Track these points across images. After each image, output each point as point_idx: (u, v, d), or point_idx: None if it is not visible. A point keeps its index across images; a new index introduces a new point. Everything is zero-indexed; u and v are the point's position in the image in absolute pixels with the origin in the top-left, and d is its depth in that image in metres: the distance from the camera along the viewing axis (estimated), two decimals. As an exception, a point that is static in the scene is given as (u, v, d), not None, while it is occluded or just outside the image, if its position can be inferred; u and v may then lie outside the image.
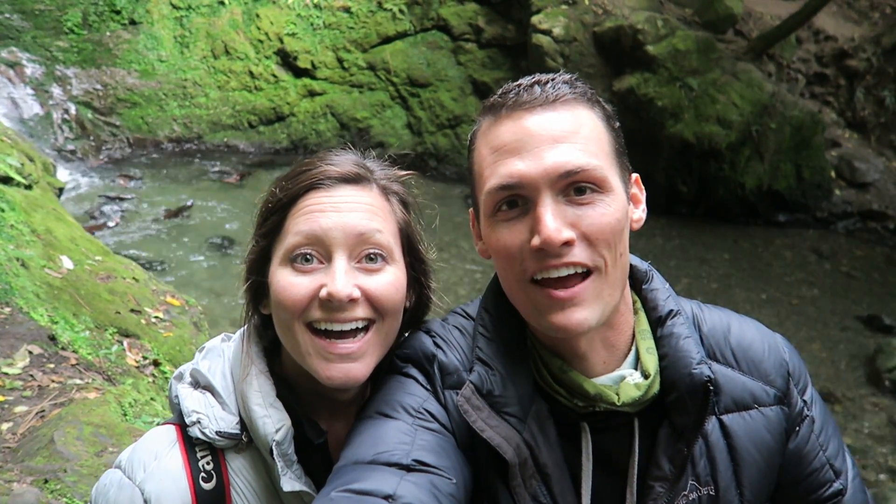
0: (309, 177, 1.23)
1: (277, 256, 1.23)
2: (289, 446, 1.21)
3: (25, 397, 3.18)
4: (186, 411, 1.23)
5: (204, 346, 1.38)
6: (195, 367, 1.32)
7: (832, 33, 10.01)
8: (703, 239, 8.29)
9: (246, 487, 1.24)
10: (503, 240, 1.11)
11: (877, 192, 9.11)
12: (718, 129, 8.53)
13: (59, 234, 5.03)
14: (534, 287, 1.10)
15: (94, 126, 9.24)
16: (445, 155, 9.63)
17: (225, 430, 1.22)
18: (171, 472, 1.19)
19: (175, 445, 1.23)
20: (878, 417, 5.53)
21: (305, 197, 1.22)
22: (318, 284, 1.19)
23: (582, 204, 1.07)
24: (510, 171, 1.08)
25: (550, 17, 9.14)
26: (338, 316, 1.19)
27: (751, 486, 1.17)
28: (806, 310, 7.08)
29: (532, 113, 1.10)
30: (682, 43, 8.76)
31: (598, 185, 1.08)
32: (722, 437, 1.17)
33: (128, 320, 4.30)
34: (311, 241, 1.19)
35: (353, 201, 1.23)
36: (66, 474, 2.50)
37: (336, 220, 1.20)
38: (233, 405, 1.26)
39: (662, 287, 1.25)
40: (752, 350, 1.24)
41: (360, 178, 1.26)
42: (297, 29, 9.93)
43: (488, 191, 1.11)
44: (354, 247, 1.21)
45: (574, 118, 1.10)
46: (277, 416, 1.21)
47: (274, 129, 9.79)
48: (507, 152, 1.09)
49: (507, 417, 1.12)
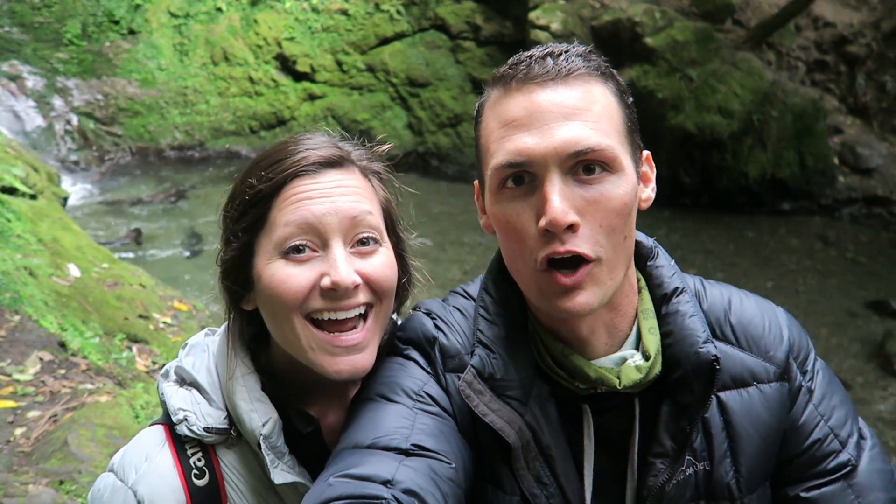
0: (291, 164, 1.18)
1: (265, 250, 1.18)
2: (277, 438, 1.19)
3: (38, 402, 3.19)
4: (172, 409, 1.21)
5: (187, 343, 1.36)
6: (179, 364, 1.30)
7: (831, 20, 9.98)
8: (707, 229, 8.27)
9: (240, 481, 1.22)
10: (509, 218, 1.09)
11: (881, 178, 9.07)
12: (720, 118, 8.51)
13: (65, 242, 5.06)
14: (542, 274, 1.08)
15: (97, 136, 9.28)
16: (447, 154, 9.64)
17: (213, 426, 1.20)
18: (162, 472, 1.18)
19: (164, 445, 1.21)
20: (889, 402, 5.51)
21: (290, 185, 1.17)
22: (318, 274, 1.16)
23: (590, 184, 1.05)
24: (518, 148, 1.05)
25: (548, 13, 9.14)
26: (341, 304, 1.16)
27: (747, 464, 1.16)
28: (813, 297, 7.06)
29: (543, 87, 1.06)
30: (680, 34, 8.75)
31: (609, 164, 1.05)
32: (718, 413, 1.16)
33: (136, 326, 4.32)
34: (304, 230, 1.15)
35: (341, 185, 1.19)
36: (80, 475, 2.51)
37: (328, 206, 1.16)
38: (219, 400, 1.23)
39: (668, 264, 1.23)
40: (752, 326, 1.22)
41: (343, 161, 1.22)
42: (296, 33, 9.96)
43: (495, 166, 1.08)
44: (348, 231, 1.17)
45: (586, 94, 1.07)
46: (264, 409, 1.19)
47: (275, 133, 9.81)
48: (516, 127, 1.06)
49: (509, 400, 1.11)
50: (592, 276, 1.06)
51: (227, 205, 1.24)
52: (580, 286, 1.06)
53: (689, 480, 1.15)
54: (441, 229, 7.75)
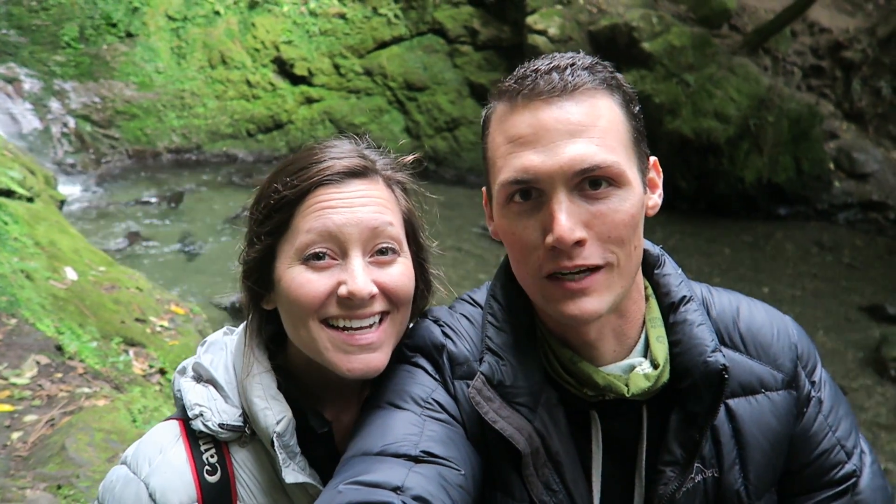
0: (316, 172, 1.21)
1: (287, 255, 1.21)
2: (290, 437, 1.20)
3: (35, 406, 3.19)
4: (189, 405, 1.23)
5: (206, 340, 1.38)
6: (197, 360, 1.31)
7: (827, 25, 10.02)
8: (704, 234, 8.29)
9: (251, 480, 1.23)
10: (516, 232, 1.10)
11: (876, 183, 9.11)
12: (716, 123, 8.54)
13: (62, 245, 5.04)
14: (546, 281, 1.10)
15: (94, 139, 9.27)
16: (445, 158, 9.65)
17: (228, 423, 1.22)
18: (175, 466, 1.19)
19: (179, 439, 1.22)
20: (885, 406, 5.53)
21: (314, 193, 1.20)
22: (336, 282, 1.18)
23: (597, 199, 1.06)
24: (525, 165, 1.06)
25: (545, 18, 9.16)
26: (357, 312, 1.18)
27: (755, 470, 1.17)
28: (809, 302, 7.08)
29: (549, 104, 1.06)
30: (677, 39, 8.78)
31: (615, 179, 1.06)
32: (727, 421, 1.17)
33: (133, 330, 4.31)
34: (324, 238, 1.18)
35: (364, 195, 1.21)
36: (78, 480, 2.50)
37: (349, 216, 1.19)
38: (235, 398, 1.25)
39: (675, 272, 1.24)
40: (760, 334, 1.23)
41: (367, 171, 1.24)
42: (293, 36, 9.97)
43: (502, 182, 1.09)
44: (368, 241, 1.20)
45: (592, 109, 1.07)
46: (278, 407, 1.21)
47: (272, 136, 9.81)
48: (522, 145, 1.07)
49: (518, 407, 1.12)
50: (601, 281, 1.08)
51: (252, 206, 1.28)
52: (587, 292, 1.07)
53: (699, 488, 1.16)
54: (437, 233, 7.75)
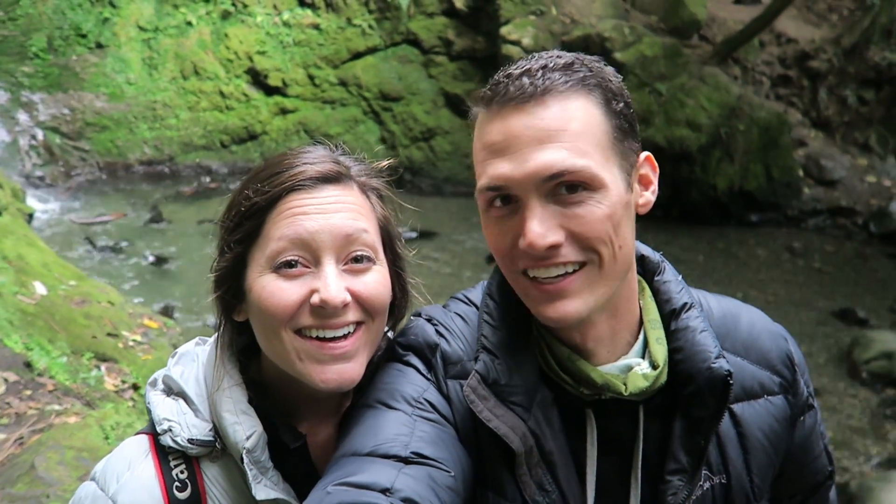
0: (288, 178, 1.16)
1: (257, 263, 1.17)
2: (262, 453, 1.17)
3: (3, 425, 3.10)
4: (157, 419, 1.19)
5: (177, 352, 1.34)
6: (167, 373, 1.27)
7: (794, 36, 10.24)
8: (678, 241, 8.39)
9: (223, 496, 1.19)
10: (495, 237, 1.11)
11: (844, 189, 9.30)
12: (688, 132, 8.67)
13: (31, 259, 4.94)
14: (525, 279, 1.10)
15: (63, 151, 9.12)
16: (420, 168, 9.65)
17: (197, 438, 1.17)
18: (144, 483, 1.15)
19: (148, 455, 1.18)
20: (858, 409, 5.62)
21: (286, 199, 1.16)
22: (308, 290, 1.14)
23: (572, 203, 1.05)
24: (498, 174, 1.06)
25: (519, 28, 9.24)
26: (330, 322, 1.15)
27: (759, 473, 1.19)
28: (782, 307, 7.18)
29: (519, 110, 1.05)
30: (649, 49, 8.90)
31: (588, 183, 1.05)
32: (732, 425, 1.18)
33: (105, 344, 4.23)
34: (296, 245, 1.14)
35: (338, 201, 1.17)
36: (48, 500, 2.44)
37: (322, 222, 1.14)
38: (206, 411, 1.21)
39: (675, 279, 1.23)
40: (760, 340, 1.24)
41: (341, 177, 1.20)
42: (267, 47, 9.92)
43: (479, 189, 1.10)
44: (342, 249, 1.15)
45: (563, 113, 1.05)
46: (249, 422, 1.17)
47: (247, 147, 9.74)
48: (494, 153, 1.07)
49: (513, 406, 1.11)
50: (579, 282, 1.07)
51: (223, 215, 1.23)
52: (564, 294, 1.07)
53: (707, 495, 1.16)
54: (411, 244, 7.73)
